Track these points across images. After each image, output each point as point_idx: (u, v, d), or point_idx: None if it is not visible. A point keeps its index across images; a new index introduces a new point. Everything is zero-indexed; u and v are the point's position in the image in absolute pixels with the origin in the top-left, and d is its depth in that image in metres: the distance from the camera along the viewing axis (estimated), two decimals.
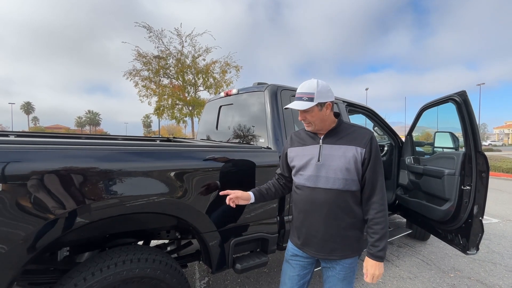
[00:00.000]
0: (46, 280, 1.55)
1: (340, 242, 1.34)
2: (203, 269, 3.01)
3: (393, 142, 3.56)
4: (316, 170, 1.33)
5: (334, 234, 1.33)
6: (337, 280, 1.38)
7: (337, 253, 1.35)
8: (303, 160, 1.38)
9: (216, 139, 3.11)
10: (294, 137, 1.51)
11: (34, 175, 1.18)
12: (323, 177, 1.31)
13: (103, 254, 1.47)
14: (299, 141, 1.46)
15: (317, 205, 1.33)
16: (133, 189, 1.43)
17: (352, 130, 1.37)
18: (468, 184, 2.35)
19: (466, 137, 2.36)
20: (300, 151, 1.42)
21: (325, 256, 1.37)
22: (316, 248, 1.37)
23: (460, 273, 2.96)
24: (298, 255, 1.45)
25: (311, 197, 1.35)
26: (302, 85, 1.34)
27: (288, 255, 1.50)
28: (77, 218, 1.28)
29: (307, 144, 1.41)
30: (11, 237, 1.13)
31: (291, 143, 1.50)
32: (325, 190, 1.31)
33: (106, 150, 1.43)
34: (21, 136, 2.44)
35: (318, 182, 1.32)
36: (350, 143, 1.31)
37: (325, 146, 1.35)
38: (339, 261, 1.37)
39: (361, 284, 2.70)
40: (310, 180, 1.34)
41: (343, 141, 1.33)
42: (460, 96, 2.39)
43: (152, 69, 14.10)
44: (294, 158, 1.44)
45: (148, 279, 1.47)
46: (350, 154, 1.29)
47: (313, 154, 1.36)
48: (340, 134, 1.36)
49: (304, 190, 1.38)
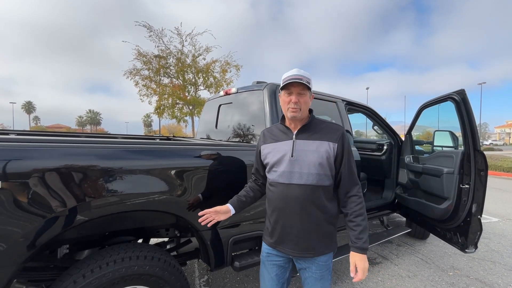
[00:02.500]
0: (45, 277, 1.56)
1: (315, 239, 1.34)
2: (202, 268, 3.03)
3: (393, 141, 3.56)
4: (290, 166, 1.32)
5: (309, 230, 1.33)
6: (314, 281, 1.37)
7: (312, 250, 1.34)
8: (277, 156, 1.37)
9: (215, 138, 3.12)
10: (267, 134, 1.50)
11: (34, 173, 1.19)
12: (297, 173, 1.31)
13: (102, 252, 1.47)
14: (272, 137, 1.45)
15: (292, 201, 1.32)
16: (133, 187, 1.44)
17: (324, 125, 1.39)
18: (466, 182, 2.36)
19: (465, 135, 2.36)
20: (274, 147, 1.41)
21: (300, 254, 1.35)
22: (290, 246, 1.36)
23: (459, 271, 2.96)
24: (273, 254, 1.43)
25: (285, 193, 1.33)
26: (296, 70, 1.33)
27: (264, 256, 1.48)
28: (77, 215, 1.29)
29: (280, 140, 1.40)
30: (10, 235, 1.14)
31: (264, 139, 1.48)
32: (299, 186, 1.30)
33: (105, 148, 1.44)
34: (21, 135, 2.45)
35: (292, 178, 1.32)
36: (323, 139, 1.33)
37: (299, 142, 1.35)
38: (314, 259, 1.35)
39: (360, 283, 2.70)
40: (284, 176, 1.33)
41: (316, 136, 1.34)
42: (459, 94, 2.39)
43: (153, 68, 14.12)
44: (267, 154, 1.42)
45: (147, 276, 1.48)
46: (323, 149, 1.30)
47: (287, 150, 1.35)
48: (313, 129, 1.37)
49: (278, 187, 1.36)
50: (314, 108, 2.76)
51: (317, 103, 2.72)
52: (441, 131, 3.05)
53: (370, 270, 2.96)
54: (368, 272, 2.91)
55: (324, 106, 2.79)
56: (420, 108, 3.04)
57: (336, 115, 2.86)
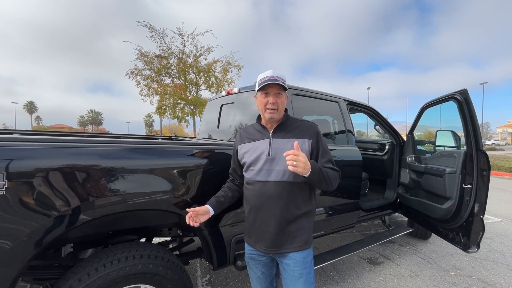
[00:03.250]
0: (50, 276, 1.58)
1: (290, 235, 1.36)
2: (204, 267, 3.04)
3: (394, 141, 3.56)
4: (267, 164, 1.36)
5: (285, 227, 1.35)
6: (293, 279, 1.35)
7: (287, 246, 1.36)
8: (254, 155, 1.40)
9: (217, 138, 3.13)
10: (243, 133, 1.53)
11: (40, 172, 1.20)
12: (274, 170, 1.35)
13: (106, 250, 1.49)
14: (249, 136, 1.49)
15: (268, 198, 1.35)
16: (137, 186, 1.45)
17: (299, 124, 1.44)
18: (469, 182, 2.35)
19: (467, 135, 2.36)
20: (250, 146, 1.44)
21: (276, 250, 1.37)
22: (267, 244, 1.38)
23: (461, 271, 2.96)
24: (254, 253, 1.46)
25: (262, 191, 1.37)
26: (272, 71, 1.37)
27: (247, 257, 1.51)
28: (82, 214, 1.31)
29: (257, 139, 1.44)
30: (17, 233, 1.15)
31: (241, 139, 1.52)
32: (276, 183, 1.34)
33: (110, 148, 1.45)
34: (25, 134, 2.46)
35: (269, 175, 1.36)
36: (298, 136, 1.38)
37: (275, 140, 1.39)
38: (291, 255, 1.36)
39: (362, 282, 2.71)
40: (261, 174, 1.37)
41: (291, 134, 1.39)
42: (461, 94, 2.39)
43: (154, 68, 14.15)
44: (244, 154, 1.45)
45: (150, 275, 1.49)
46: (299, 146, 1.32)
47: (264, 149, 1.39)
48: (288, 128, 1.42)
49: (255, 185, 1.40)
50: (317, 108, 2.79)
51: (320, 103, 2.73)
52: (443, 131, 3.04)
53: (372, 270, 2.97)
54: (370, 272, 2.91)
55: (326, 106, 2.80)
56: (422, 108, 3.04)
57: (338, 115, 2.86)
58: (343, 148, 2.72)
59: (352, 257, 3.27)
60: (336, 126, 2.91)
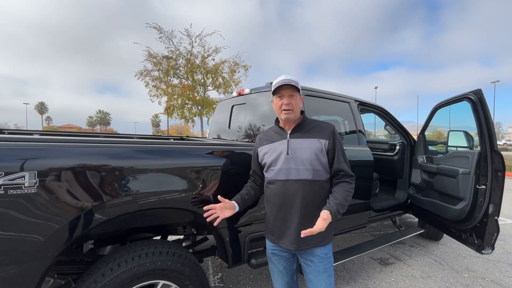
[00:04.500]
0: (72, 271, 1.64)
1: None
2: (216, 265, 3.08)
3: (405, 141, 3.54)
4: (286, 163, 1.42)
5: (306, 223, 1.38)
6: (318, 274, 1.43)
7: (310, 242, 1.41)
8: (273, 155, 1.46)
9: (228, 138, 3.16)
10: (262, 136, 1.60)
11: (67, 171, 1.26)
12: (293, 169, 1.40)
13: (126, 247, 1.54)
14: (267, 139, 1.55)
15: (289, 196, 1.41)
16: (157, 185, 1.50)
17: (316, 124, 1.50)
18: (483, 183, 2.33)
19: (482, 136, 2.34)
20: (270, 147, 1.50)
21: (299, 246, 1.42)
22: (289, 240, 1.43)
23: (474, 273, 2.93)
24: (276, 249, 1.52)
25: (283, 189, 1.43)
26: (284, 76, 1.43)
27: (269, 252, 1.57)
28: (107, 212, 1.36)
29: (275, 140, 1.50)
30: (47, 229, 1.21)
31: (260, 142, 1.58)
32: (296, 181, 1.40)
33: (134, 148, 1.51)
34: (44, 135, 2.55)
35: (289, 174, 1.41)
36: (315, 136, 1.43)
37: (293, 141, 1.45)
38: (313, 251, 1.42)
39: (373, 283, 2.71)
40: (281, 173, 1.43)
41: (308, 134, 1.44)
42: (475, 94, 2.37)
43: (163, 69, 14.33)
44: (264, 155, 1.52)
45: (169, 271, 1.54)
46: (316, 146, 1.40)
47: (282, 149, 1.45)
48: (305, 128, 1.47)
49: (276, 184, 1.45)
50: (328, 109, 2.80)
51: (330, 103, 2.74)
52: (455, 131, 3.02)
53: (383, 271, 2.96)
54: (381, 273, 2.91)
55: (337, 106, 2.81)
56: (434, 108, 3.02)
57: (349, 115, 2.87)
58: (354, 148, 2.73)
59: (362, 258, 3.27)
60: (347, 126, 2.92)
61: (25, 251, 1.17)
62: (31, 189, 1.16)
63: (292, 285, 1.59)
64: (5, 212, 1.12)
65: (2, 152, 1.15)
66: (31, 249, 1.18)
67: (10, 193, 1.12)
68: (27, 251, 1.17)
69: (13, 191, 1.13)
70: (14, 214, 1.14)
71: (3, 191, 1.11)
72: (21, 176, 1.14)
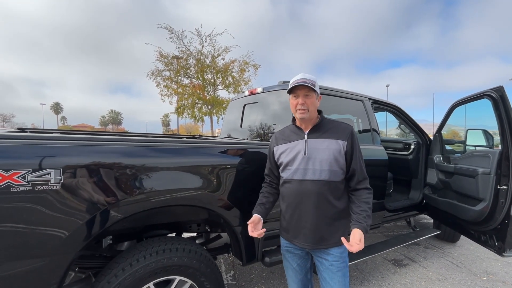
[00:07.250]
0: (92, 265, 1.69)
1: (327, 231, 1.41)
2: (228, 263, 3.11)
3: (420, 140, 3.46)
4: (303, 163, 1.41)
5: (321, 223, 1.40)
6: (331, 273, 1.42)
7: (325, 242, 1.41)
8: (291, 155, 1.45)
9: (240, 137, 3.18)
10: (279, 135, 1.59)
11: (91, 168, 1.30)
12: (310, 170, 1.39)
13: (144, 243, 1.58)
14: (284, 138, 1.54)
15: (305, 196, 1.41)
16: (174, 182, 1.54)
17: (334, 125, 1.48)
18: (504, 183, 2.26)
19: (503, 135, 2.26)
20: (287, 147, 1.49)
21: (314, 246, 1.42)
22: (305, 239, 1.43)
23: (493, 276, 2.84)
24: (290, 247, 1.52)
25: (299, 189, 1.42)
26: (302, 74, 1.42)
27: (283, 250, 1.58)
28: (128, 208, 1.40)
29: (293, 140, 1.49)
30: (71, 224, 1.25)
31: (276, 141, 1.57)
32: (313, 181, 1.39)
33: (155, 147, 1.54)
34: (64, 133, 2.63)
35: (306, 174, 1.40)
36: (333, 137, 1.41)
37: (310, 141, 1.43)
38: (329, 250, 1.42)
39: (387, 284, 2.67)
40: (298, 173, 1.42)
41: (326, 135, 1.43)
42: (497, 92, 2.29)
43: (173, 69, 14.50)
44: (281, 154, 1.51)
45: (185, 267, 1.57)
46: (334, 146, 1.39)
47: (300, 149, 1.44)
48: (323, 129, 1.46)
49: (292, 183, 1.45)
50: (342, 107, 2.77)
51: (344, 102, 2.71)
52: (474, 129, 2.92)
53: (398, 272, 2.91)
54: (396, 274, 2.86)
55: (351, 105, 2.77)
56: (452, 106, 2.93)
57: (363, 114, 2.83)
58: (368, 147, 2.69)
59: (375, 258, 3.22)
60: (360, 125, 2.88)
61: (51, 245, 1.22)
62: (56, 186, 1.21)
63: (306, 282, 1.59)
64: (33, 207, 1.17)
65: (29, 150, 1.20)
66: (57, 243, 1.23)
67: (37, 189, 1.17)
68: (53, 245, 1.22)
69: (40, 187, 1.18)
70: (41, 209, 1.19)
71: (30, 187, 1.16)
72: (47, 173, 1.19)
